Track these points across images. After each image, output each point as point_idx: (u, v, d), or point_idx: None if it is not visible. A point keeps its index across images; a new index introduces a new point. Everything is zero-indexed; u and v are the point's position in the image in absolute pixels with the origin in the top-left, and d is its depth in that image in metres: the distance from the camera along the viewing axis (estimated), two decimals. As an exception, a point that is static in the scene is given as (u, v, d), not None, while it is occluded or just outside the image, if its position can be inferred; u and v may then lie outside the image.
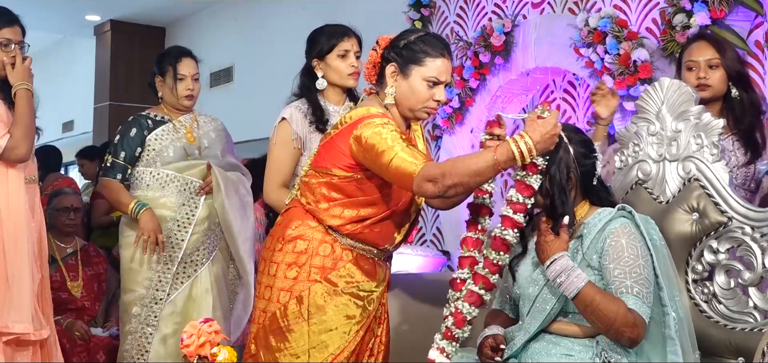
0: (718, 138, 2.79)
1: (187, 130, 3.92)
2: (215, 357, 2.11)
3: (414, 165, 2.49)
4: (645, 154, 2.96)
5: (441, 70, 2.68)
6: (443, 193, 2.45)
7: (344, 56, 3.44)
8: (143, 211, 3.71)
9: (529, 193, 2.45)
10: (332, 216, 2.71)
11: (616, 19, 4.67)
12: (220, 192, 3.83)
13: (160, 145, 3.84)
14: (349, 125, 2.68)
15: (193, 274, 3.83)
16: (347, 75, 3.45)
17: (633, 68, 4.47)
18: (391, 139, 2.55)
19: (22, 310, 3.21)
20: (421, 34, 2.74)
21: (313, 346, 2.67)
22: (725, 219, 2.74)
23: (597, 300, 2.31)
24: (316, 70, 3.47)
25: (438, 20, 6.08)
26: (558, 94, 5.55)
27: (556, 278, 2.36)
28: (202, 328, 2.13)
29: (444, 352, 2.58)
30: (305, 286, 2.69)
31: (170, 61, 3.90)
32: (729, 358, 2.66)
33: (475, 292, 2.54)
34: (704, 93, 3.16)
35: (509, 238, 2.48)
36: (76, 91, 11.90)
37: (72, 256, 4.65)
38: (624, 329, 2.31)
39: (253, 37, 8.95)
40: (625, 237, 2.40)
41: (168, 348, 3.76)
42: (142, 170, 3.84)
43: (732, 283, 2.73)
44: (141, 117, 3.89)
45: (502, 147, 2.42)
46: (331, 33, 3.48)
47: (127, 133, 3.83)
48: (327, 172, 2.71)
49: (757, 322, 2.64)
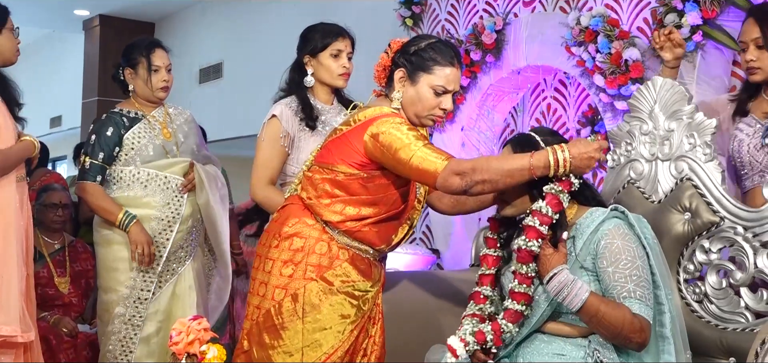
0: (710, 137, 2.78)
1: (161, 126, 3.84)
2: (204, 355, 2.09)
3: (438, 160, 2.49)
4: (637, 154, 2.96)
5: (449, 79, 2.66)
6: (470, 187, 2.45)
7: (337, 56, 3.45)
8: (133, 223, 3.64)
9: (558, 208, 2.39)
10: (333, 212, 2.69)
11: (608, 18, 4.65)
12: (204, 189, 3.78)
13: (139, 144, 3.76)
14: (363, 123, 2.67)
15: (176, 272, 3.79)
16: (338, 75, 3.45)
17: (624, 67, 4.46)
18: (408, 136, 2.55)
19: (9, 311, 3.16)
20: (432, 41, 2.72)
21: (307, 344, 2.65)
22: (717, 219, 2.73)
23: (602, 310, 2.29)
24: (307, 67, 3.46)
25: (429, 18, 6.05)
26: (549, 93, 5.54)
27: (558, 293, 2.32)
28: (191, 325, 2.11)
29: (467, 345, 2.48)
30: (301, 284, 2.67)
31: (142, 52, 3.82)
32: (720, 358, 2.66)
33: (515, 309, 2.43)
34: (755, 76, 2.93)
35: (535, 249, 2.41)
36: (65, 86, 11.85)
37: (59, 252, 4.62)
38: (632, 335, 2.29)
39: (242, 33, 8.92)
40: (620, 238, 2.38)
41: (151, 347, 3.72)
42: (120, 169, 3.75)
43: (724, 283, 2.73)
44: (114, 114, 3.80)
45: (540, 153, 2.41)
46: (326, 32, 3.48)
47: (103, 131, 3.74)
48: (332, 168, 2.70)
49: (748, 322, 2.64)
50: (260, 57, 8.10)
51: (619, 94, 4.47)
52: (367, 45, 4.02)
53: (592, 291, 2.32)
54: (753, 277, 2.65)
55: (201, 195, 3.79)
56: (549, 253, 2.35)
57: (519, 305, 2.40)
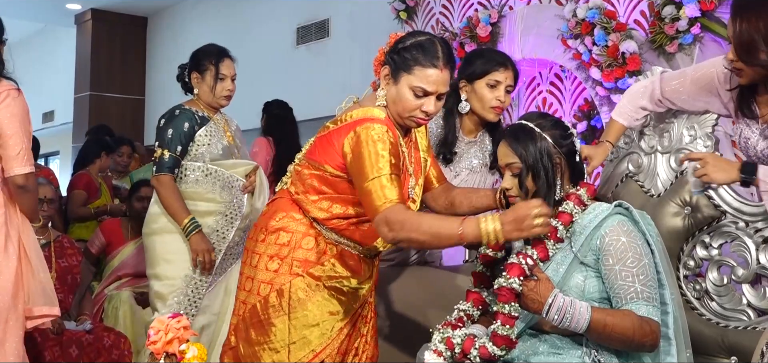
0: (711, 129, 2.70)
1: (224, 129, 3.97)
2: (184, 354, 2.01)
3: (384, 200, 2.41)
4: (636, 146, 2.89)
5: (430, 82, 2.53)
6: (396, 241, 2.42)
7: (494, 87, 3.21)
8: (196, 232, 3.71)
9: (544, 256, 2.31)
10: (319, 208, 2.63)
11: (605, 10, 4.61)
12: (263, 193, 3.89)
13: (210, 141, 3.85)
14: (348, 124, 2.58)
15: (229, 269, 3.86)
16: (490, 107, 3.22)
17: (621, 60, 4.42)
18: (380, 157, 2.45)
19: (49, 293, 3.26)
20: (420, 40, 2.58)
21: (294, 341, 2.59)
22: (718, 213, 2.66)
23: (609, 322, 2.19)
24: (462, 92, 3.27)
25: (423, 11, 6.01)
26: (544, 87, 5.49)
27: (561, 319, 2.19)
28: (170, 324, 2.02)
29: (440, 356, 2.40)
30: (286, 279, 2.61)
31: (212, 60, 3.93)
32: (722, 357, 2.58)
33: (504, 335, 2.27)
34: (739, 78, 2.52)
35: (516, 287, 2.28)
36: (57, 80, 11.79)
37: (45, 247, 4.52)
38: (644, 340, 2.20)
39: (235, 27, 8.87)
40: (625, 235, 2.28)
41: (201, 339, 3.72)
42: (189, 164, 3.82)
43: (725, 279, 2.65)
44: (187, 111, 3.86)
45: (470, 222, 2.28)
46: (488, 59, 3.27)
47: (180, 126, 3.80)
48: (320, 166, 2.62)
49: (750, 320, 2.56)
50: (253, 52, 8.04)
51: (616, 87, 4.43)
52: (361, 38, 4.02)
53: (593, 306, 2.23)
54: (755, 273, 2.58)
55: (259, 198, 3.88)
56: (533, 286, 2.22)
57: (501, 350, 2.25)
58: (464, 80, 3.25)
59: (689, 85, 2.71)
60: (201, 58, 3.97)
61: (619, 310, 2.22)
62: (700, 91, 2.69)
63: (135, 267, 4.83)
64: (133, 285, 4.82)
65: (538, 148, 2.36)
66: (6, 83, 3.14)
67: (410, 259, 3.51)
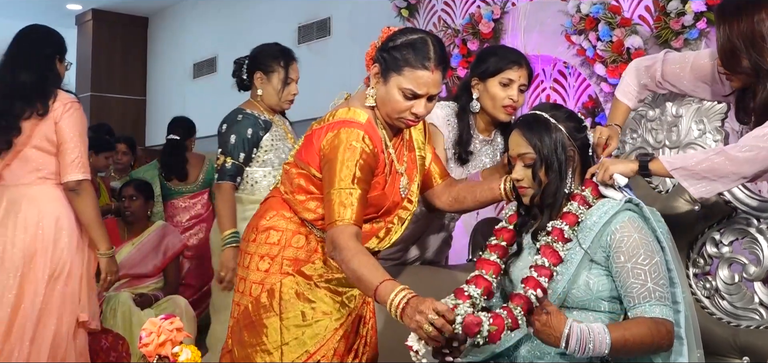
0: (721, 123, 2.64)
1: (285, 131, 3.85)
2: (177, 357, 1.95)
3: (339, 216, 2.37)
4: (643, 141, 2.83)
5: (420, 83, 2.44)
6: (333, 259, 2.41)
7: (507, 86, 3.11)
8: (230, 247, 3.58)
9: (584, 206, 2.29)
10: (307, 209, 2.57)
11: (609, 5, 4.56)
12: None
13: (276, 146, 3.75)
14: (328, 125, 2.51)
15: None
16: (501, 106, 3.13)
17: (626, 56, 4.36)
18: (349, 168, 2.40)
19: None
20: (412, 38, 2.48)
21: (286, 342, 2.53)
22: (729, 209, 2.60)
23: (627, 337, 2.12)
24: (473, 90, 3.18)
25: (425, 8, 5.95)
26: (548, 84, 5.43)
27: (584, 349, 2.10)
28: (162, 325, 1.96)
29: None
30: (277, 279, 2.56)
31: (280, 62, 3.82)
32: (733, 357, 2.52)
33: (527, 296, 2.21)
34: (732, 83, 2.50)
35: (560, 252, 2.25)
36: (57, 81, 11.76)
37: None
38: (661, 342, 2.15)
39: (236, 27, 8.84)
40: (637, 232, 2.21)
41: None
42: (255, 170, 3.74)
43: (736, 277, 2.60)
44: (250, 115, 3.74)
45: (386, 287, 2.21)
46: (502, 56, 3.17)
47: (243, 132, 3.68)
48: (305, 166, 2.56)
49: (762, 319, 2.51)
50: (254, 51, 8.01)
51: (622, 82, 4.35)
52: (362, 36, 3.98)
53: (607, 324, 2.15)
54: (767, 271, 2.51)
55: None
56: (545, 320, 2.13)
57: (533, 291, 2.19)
58: (476, 78, 3.16)
59: (689, 72, 2.66)
60: (267, 58, 3.84)
61: (633, 320, 2.16)
62: (699, 80, 2.65)
63: (133, 268, 4.78)
64: (132, 286, 4.77)
65: (554, 139, 2.30)
66: (67, 96, 3.51)
67: (410, 259, 3.46)
